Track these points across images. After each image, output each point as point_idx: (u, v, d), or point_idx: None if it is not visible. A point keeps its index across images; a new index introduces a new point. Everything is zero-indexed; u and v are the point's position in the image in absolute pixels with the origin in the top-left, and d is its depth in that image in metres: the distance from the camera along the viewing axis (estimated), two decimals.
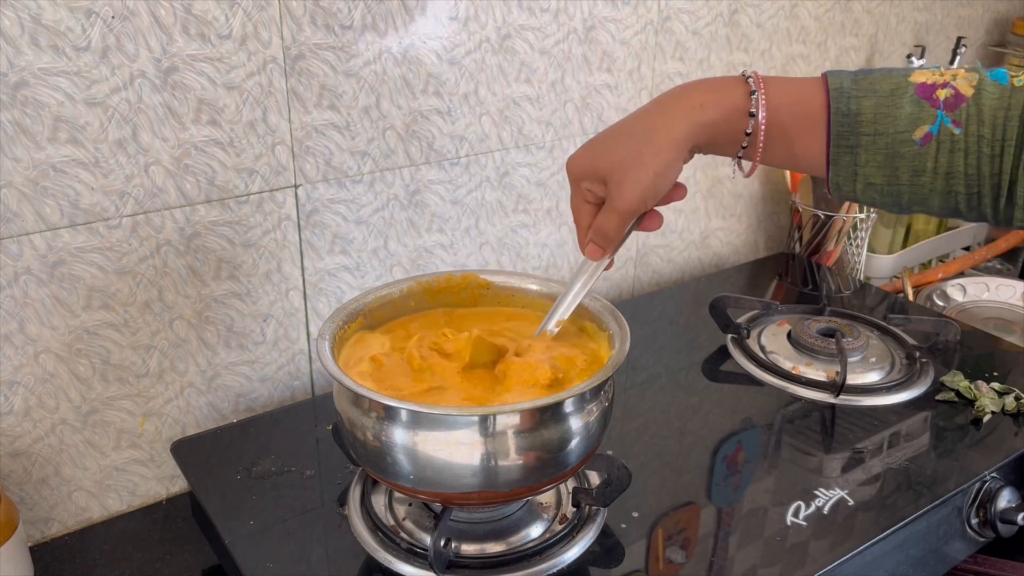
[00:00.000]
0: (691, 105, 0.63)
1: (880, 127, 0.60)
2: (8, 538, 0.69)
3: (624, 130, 0.65)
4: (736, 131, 0.64)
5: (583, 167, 0.67)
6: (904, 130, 0.60)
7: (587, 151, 0.67)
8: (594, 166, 0.66)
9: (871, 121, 0.60)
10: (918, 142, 0.60)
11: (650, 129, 0.64)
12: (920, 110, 0.60)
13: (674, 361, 1.02)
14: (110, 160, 0.75)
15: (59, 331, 0.77)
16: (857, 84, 0.61)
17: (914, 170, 0.61)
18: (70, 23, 0.70)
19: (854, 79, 0.61)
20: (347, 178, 0.90)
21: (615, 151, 0.64)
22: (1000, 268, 1.48)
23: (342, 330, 0.72)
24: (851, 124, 0.61)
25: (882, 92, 0.60)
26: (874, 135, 0.60)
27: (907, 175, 0.61)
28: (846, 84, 0.61)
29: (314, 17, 0.82)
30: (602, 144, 0.66)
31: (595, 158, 0.66)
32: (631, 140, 0.64)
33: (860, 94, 0.61)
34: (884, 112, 0.60)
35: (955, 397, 0.94)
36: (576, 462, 0.66)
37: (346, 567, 0.70)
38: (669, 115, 0.64)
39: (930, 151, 0.60)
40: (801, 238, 1.29)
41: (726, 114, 0.63)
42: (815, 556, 0.71)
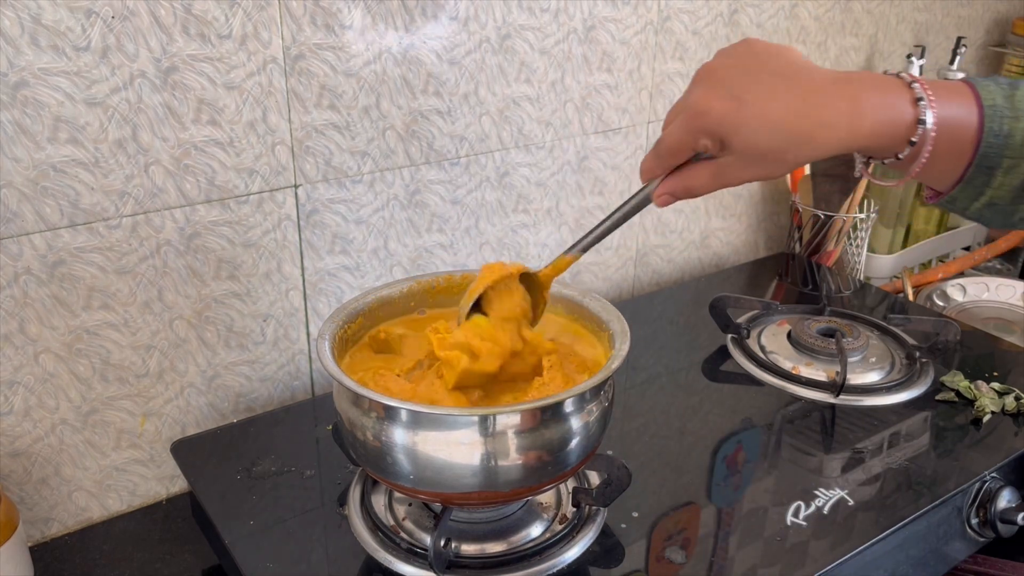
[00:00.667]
0: (861, 115, 0.56)
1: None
2: (8, 538, 0.69)
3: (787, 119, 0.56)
4: (900, 142, 0.57)
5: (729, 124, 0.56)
6: None
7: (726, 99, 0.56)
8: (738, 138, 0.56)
9: (1019, 145, 0.57)
10: None
11: (812, 135, 0.56)
12: None
13: (674, 361, 1.02)
14: (110, 160, 0.75)
15: (59, 331, 0.77)
16: (1009, 102, 0.57)
17: None
18: (70, 23, 0.70)
19: (1005, 96, 0.58)
20: (347, 178, 0.90)
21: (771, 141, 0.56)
22: (1000, 268, 1.48)
23: (342, 330, 0.72)
24: (999, 146, 0.57)
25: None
26: (1018, 159, 0.57)
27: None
28: (999, 101, 0.57)
29: (314, 17, 0.82)
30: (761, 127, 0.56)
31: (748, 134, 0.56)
32: (790, 135, 0.56)
33: (1012, 115, 0.57)
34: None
35: (955, 397, 0.94)
36: (576, 462, 0.66)
37: (346, 567, 0.70)
38: (835, 125, 0.56)
39: None
40: (801, 238, 1.29)
41: (895, 127, 0.57)
42: (815, 556, 0.71)
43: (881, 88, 0.57)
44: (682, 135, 0.58)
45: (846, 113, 0.56)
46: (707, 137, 0.57)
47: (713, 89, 0.57)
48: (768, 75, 0.56)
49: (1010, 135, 0.57)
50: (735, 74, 0.57)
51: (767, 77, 0.56)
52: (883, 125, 0.57)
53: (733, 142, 0.56)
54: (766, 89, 0.56)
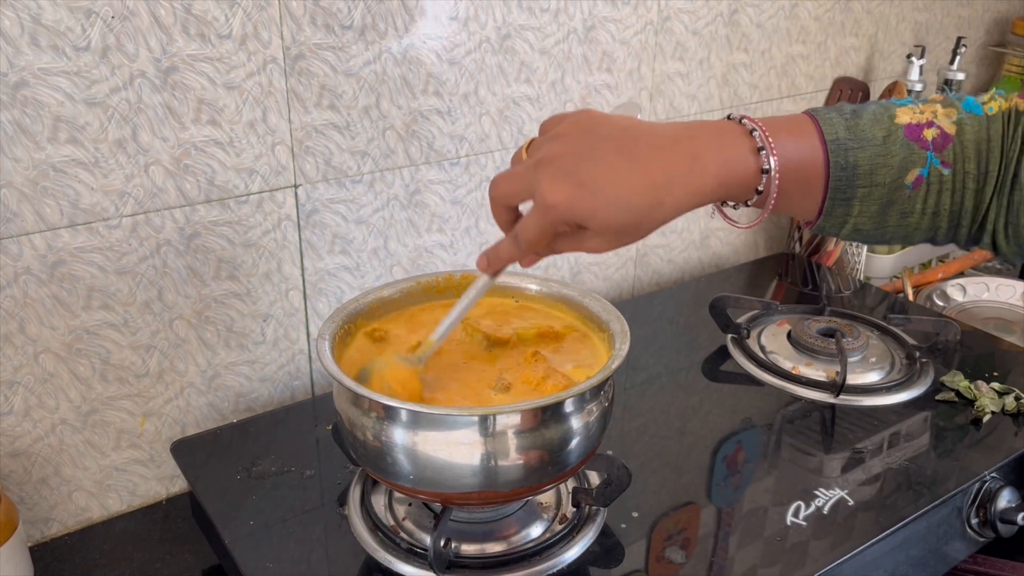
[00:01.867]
0: (704, 172, 0.57)
1: (876, 178, 0.59)
2: (8, 538, 0.69)
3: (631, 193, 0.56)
4: (747, 191, 0.59)
5: (579, 211, 0.56)
6: (897, 177, 0.59)
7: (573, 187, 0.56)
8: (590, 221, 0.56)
9: (867, 173, 0.59)
10: (909, 186, 0.59)
11: (660, 201, 0.56)
12: (911, 153, 0.59)
13: (674, 361, 1.02)
14: (110, 160, 0.75)
15: (59, 331, 0.77)
16: (851, 132, 0.59)
17: (903, 213, 0.60)
18: (70, 23, 0.70)
19: (847, 127, 0.59)
20: (347, 178, 0.90)
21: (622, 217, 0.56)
22: (1000, 268, 1.48)
23: (343, 329, 0.72)
24: (848, 178, 0.59)
25: (875, 140, 0.59)
26: (870, 186, 0.59)
27: (895, 218, 0.60)
28: (841, 134, 0.59)
29: (314, 17, 0.82)
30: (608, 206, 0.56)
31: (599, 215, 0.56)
32: (638, 207, 0.56)
33: (856, 145, 0.59)
34: (880, 162, 0.58)
35: (955, 397, 0.94)
36: (576, 462, 0.66)
37: (346, 567, 0.70)
38: (680, 186, 0.56)
39: (920, 194, 0.59)
40: (801, 238, 1.29)
41: (739, 178, 0.58)
42: (815, 556, 0.71)
43: (721, 141, 0.58)
44: (540, 228, 0.58)
45: (688, 173, 0.56)
46: (563, 225, 0.57)
47: (558, 180, 0.56)
48: (607, 151, 0.56)
49: (856, 165, 0.59)
50: (575, 160, 0.56)
51: (607, 154, 0.56)
52: (727, 177, 0.57)
53: (589, 225, 0.57)
54: (608, 169, 0.56)
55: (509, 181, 0.60)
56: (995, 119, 0.59)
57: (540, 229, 0.58)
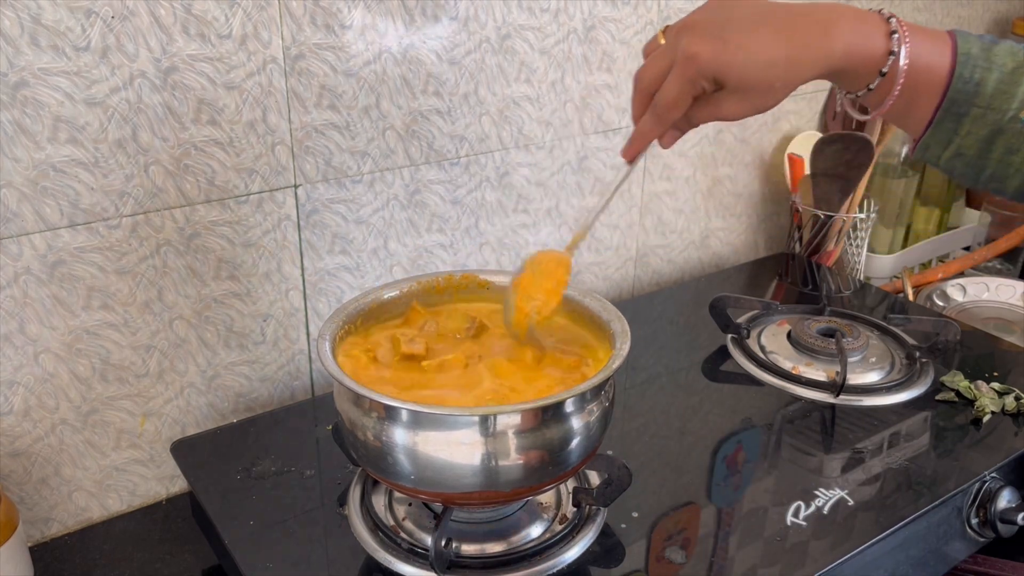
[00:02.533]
0: (835, 36, 0.59)
1: (995, 102, 0.60)
2: (8, 538, 0.69)
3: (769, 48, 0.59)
4: (871, 73, 0.61)
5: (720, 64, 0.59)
6: (1015, 108, 0.59)
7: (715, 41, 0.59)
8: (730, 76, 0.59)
9: (988, 95, 0.60)
10: (1023, 121, 0.59)
11: (794, 58, 0.59)
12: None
13: (674, 361, 1.02)
14: (110, 160, 0.75)
15: (59, 331, 0.77)
16: (984, 53, 0.60)
17: (1008, 148, 0.61)
18: (70, 23, 0.70)
19: (982, 47, 0.60)
20: (347, 178, 0.90)
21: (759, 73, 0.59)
22: (1000, 268, 1.48)
23: (342, 330, 0.72)
24: (970, 92, 0.60)
25: (1006, 68, 0.59)
26: (987, 108, 0.60)
27: (1000, 152, 0.61)
28: (974, 51, 0.60)
29: (314, 17, 0.82)
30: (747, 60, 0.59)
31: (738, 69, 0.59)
32: (775, 63, 0.59)
33: (985, 65, 0.60)
34: (1003, 89, 0.59)
35: (955, 397, 0.94)
36: (576, 462, 0.66)
37: (346, 567, 0.70)
38: (812, 45, 0.59)
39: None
40: (801, 238, 1.29)
41: (867, 53, 0.60)
42: (815, 556, 0.71)
43: (857, 17, 0.60)
44: (681, 84, 0.60)
45: (820, 36, 0.59)
46: (704, 79, 0.60)
47: (697, 37, 0.59)
48: (744, 14, 0.60)
49: (980, 83, 0.60)
50: (714, 22, 0.60)
51: (743, 16, 0.60)
52: (855, 48, 0.59)
53: (727, 79, 0.59)
54: (745, 26, 0.59)
55: (653, 63, 0.62)
56: None
57: (680, 87, 0.60)
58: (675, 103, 0.61)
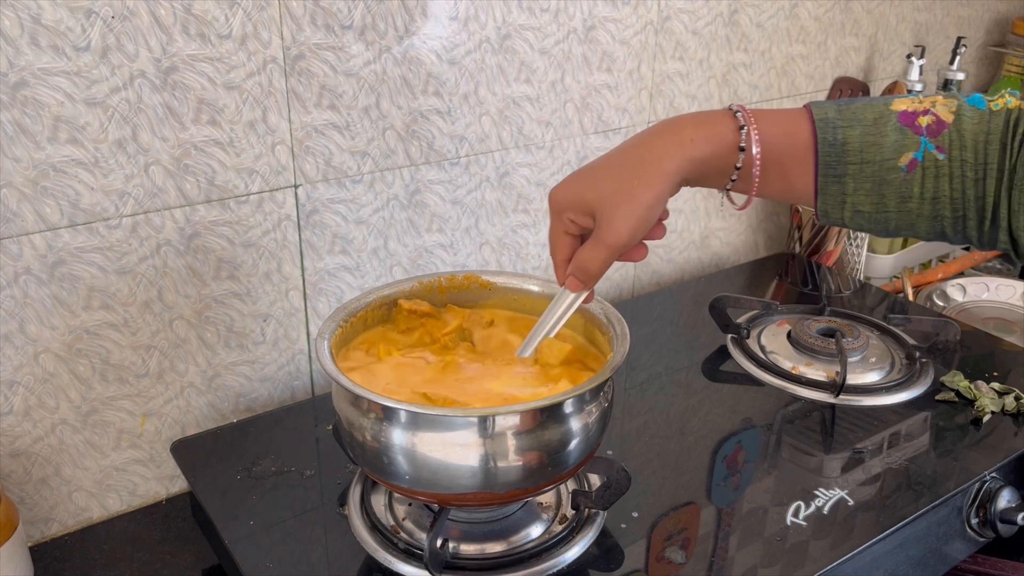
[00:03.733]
0: (681, 140, 0.63)
1: (866, 155, 0.61)
2: (8, 538, 0.69)
3: (613, 163, 0.64)
4: (727, 165, 0.63)
5: (569, 198, 0.65)
6: (890, 157, 0.60)
7: (574, 182, 0.66)
8: (582, 198, 0.64)
9: (857, 150, 0.61)
10: (903, 168, 0.60)
11: (640, 163, 0.63)
12: (904, 137, 0.60)
13: (674, 361, 1.02)
14: (110, 160, 0.75)
15: (59, 331, 0.77)
16: (841, 114, 0.61)
17: (901, 196, 0.61)
18: (70, 23, 0.70)
19: (838, 109, 0.62)
20: (347, 178, 0.90)
21: (604, 183, 0.63)
22: (1000, 268, 1.48)
23: (341, 329, 0.72)
24: (838, 154, 0.61)
25: (866, 121, 0.61)
26: (860, 163, 0.61)
27: (894, 201, 0.62)
28: (831, 115, 0.61)
29: (314, 17, 0.82)
30: (590, 176, 0.65)
31: (583, 190, 0.64)
32: (621, 173, 0.63)
33: (845, 124, 0.61)
34: (870, 140, 0.61)
35: (955, 397, 0.94)
36: (575, 463, 0.66)
37: (346, 567, 0.70)
38: (659, 149, 0.63)
39: (916, 177, 0.61)
40: (801, 238, 1.29)
41: (716, 149, 0.63)
42: (815, 556, 0.71)
43: (704, 122, 0.63)
44: (552, 230, 0.68)
45: (672, 144, 0.63)
46: (567, 213, 0.66)
47: (556, 190, 0.66)
48: (596, 162, 0.66)
49: (845, 142, 0.61)
50: (571, 176, 0.67)
51: (596, 163, 0.66)
52: (708, 146, 0.63)
53: (589, 199, 0.64)
54: (598, 162, 0.66)
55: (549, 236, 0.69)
56: (998, 114, 0.60)
57: (553, 230, 0.67)
58: (555, 245, 0.67)
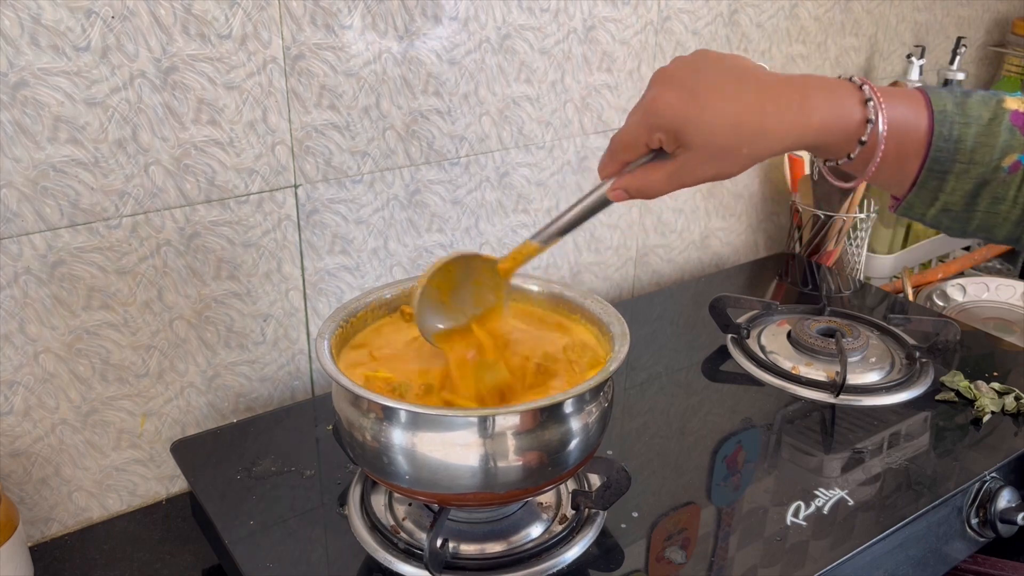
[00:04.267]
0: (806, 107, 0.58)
1: (976, 156, 0.59)
2: (8, 538, 0.69)
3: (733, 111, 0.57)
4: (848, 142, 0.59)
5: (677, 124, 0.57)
6: (998, 158, 0.59)
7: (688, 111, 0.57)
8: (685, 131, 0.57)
9: (969, 150, 0.59)
10: (1006, 170, 0.59)
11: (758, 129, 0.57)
12: (1013, 137, 0.59)
13: (674, 361, 1.02)
14: (110, 160, 0.75)
15: (59, 331, 0.77)
16: (959, 108, 0.59)
17: (995, 198, 0.60)
18: (70, 23, 0.70)
19: (955, 102, 0.60)
20: (347, 178, 0.90)
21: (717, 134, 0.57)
22: (1000, 268, 1.48)
23: (340, 330, 0.72)
24: (950, 151, 0.59)
25: (982, 120, 0.59)
26: (969, 163, 0.59)
27: (986, 202, 0.60)
28: (949, 107, 0.59)
29: (314, 17, 0.82)
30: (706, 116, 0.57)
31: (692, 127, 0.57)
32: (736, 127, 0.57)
33: (962, 120, 0.59)
34: (983, 142, 0.59)
35: (955, 397, 0.94)
36: (575, 463, 0.66)
37: (346, 567, 0.70)
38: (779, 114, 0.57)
39: (1015, 180, 0.59)
40: (801, 238, 1.29)
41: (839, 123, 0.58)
42: (815, 556, 0.71)
43: (831, 88, 0.59)
44: (636, 130, 0.59)
45: (796, 108, 0.57)
46: (661, 131, 0.58)
47: (668, 87, 0.58)
48: (720, 76, 0.58)
49: (960, 140, 0.59)
50: (688, 74, 0.58)
51: (720, 77, 0.58)
52: (832, 120, 0.58)
53: (688, 137, 0.57)
54: (719, 87, 0.57)
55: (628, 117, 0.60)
56: None
57: (636, 131, 0.59)
58: (627, 144, 0.60)
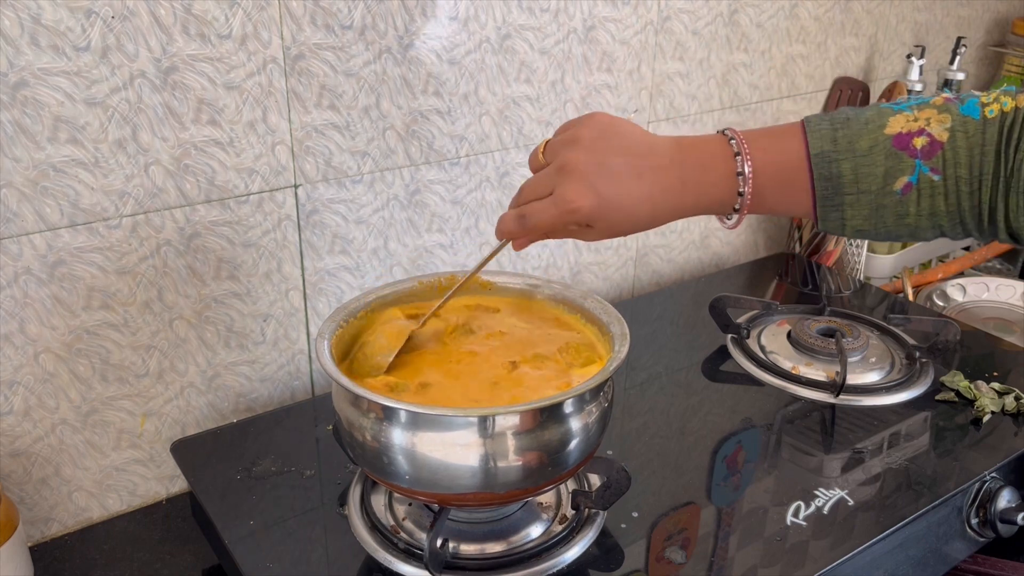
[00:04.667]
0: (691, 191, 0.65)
1: (862, 185, 0.61)
2: (8, 538, 0.69)
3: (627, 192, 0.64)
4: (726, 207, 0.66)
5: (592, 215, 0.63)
6: (884, 184, 0.61)
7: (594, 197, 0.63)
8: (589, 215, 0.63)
9: (852, 181, 0.61)
10: (899, 192, 0.61)
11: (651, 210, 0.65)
12: (899, 162, 0.61)
13: (674, 361, 1.02)
14: (110, 160, 0.75)
15: (59, 331, 0.77)
16: (836, 144, 0.62)
17: (898, 215, 0.62)
18: (70, 23, 0.70)
19: (833, 138, 0.62)
20: (347, 178, 0.90)
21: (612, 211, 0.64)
22: (1000, 268, 1.48)
23: (341, 329, 0.72)
24: (834, 187, 0.62)
25: (860, 151, 0.61)
26: (857, 194, 0.62)
27: (892, 220, 0.63)
28: (826, 146, 0.62)
29: (314, 17, 0.82)
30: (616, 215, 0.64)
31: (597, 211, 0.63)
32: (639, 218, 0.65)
33: (840, 156, 0.61)
34: (864, 172, 0.61)
35: (955, 397, 0.94)
36: (575, 463, 0.66)
37: (346, 567, 0.70)
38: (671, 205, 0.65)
39: (911, 198, 0.61)
40: (801, 238, 1.29)
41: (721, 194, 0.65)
42: (815, 556, 0.71)
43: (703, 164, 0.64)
44: (555, 222, 0.64)
45: (676, 193, 0.65)
46: (576, 225, 0.65)
47: (581, 188, 0.63)
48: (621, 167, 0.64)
49: (840, 175, 0.62)
50: (595, 170, 0.63)
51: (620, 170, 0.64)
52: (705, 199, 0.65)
53: (596, 226, 0.65)
54: (621, 184, 0.63)
55: (536, 186, 0.66)
56: (992, 123, 0.60)
57: (555, 223, 0.64)
58: (545, 231, 0.66)
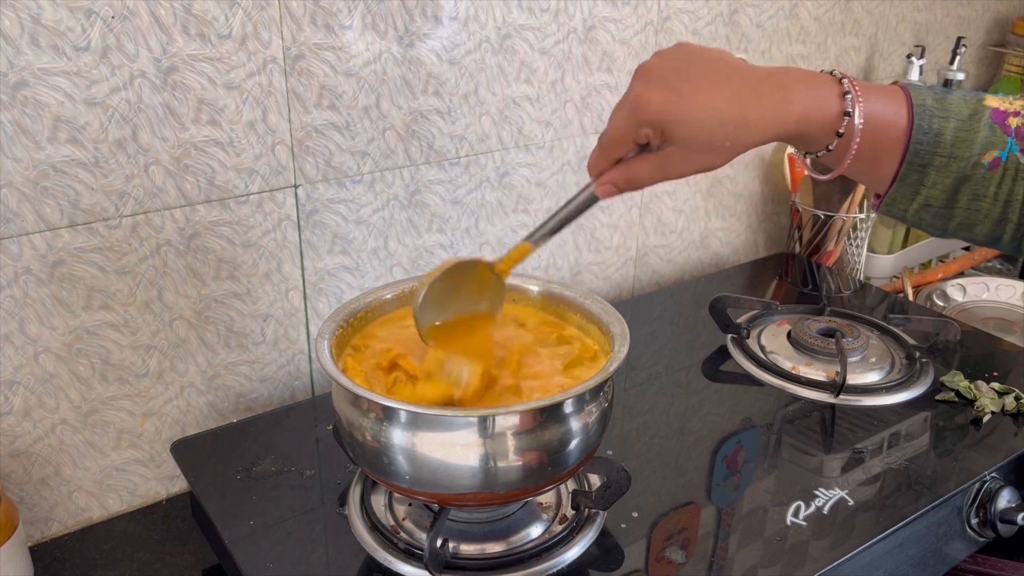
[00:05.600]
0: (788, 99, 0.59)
1: (956, 150, 0.60)
2: (8, 538, 0.69)
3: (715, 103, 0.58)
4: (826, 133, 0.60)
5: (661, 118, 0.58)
6: (976, 154, 0.60)
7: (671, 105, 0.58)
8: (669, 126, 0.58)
9: (949, 143, 0.60)
10: (986, 166, 0.60)
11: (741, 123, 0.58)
12: (992, 134, 0.60)
13: (674, 361, 1.02)
14: (110, 160, 0.75)
15: (59, 331, 0.77)
16: (939, 104, 0.60)
17: (975, 194, 0.61)
18: (70, 23, 0.70)
19: (936, 98, 0.61)
20: (347, 178, 0.90)
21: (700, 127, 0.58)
22: (1000, 268, 1.48)
23: (341, 330, 0.72)
24: (930, 143, 0.60)
25: (961, 115, 0.60)
26: (949, 157, 0.60)
27: (967, 199, 0.61)
28: (929, 102, 0.60)
29: (314, 17, 0.82)
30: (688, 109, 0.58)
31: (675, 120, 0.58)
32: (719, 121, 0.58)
33: (942, 114, 0.60)
34: (963, 136, 0.60)
35: (955, 397, 0.94)
36: (575, 463, 0.66)
37: (346, 567, 0.70)
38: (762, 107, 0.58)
39: (995, 176, 0.60)
40: (801, 238, 1.29)
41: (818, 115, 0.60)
42: (815, 556, 0.71)
43: (810, 81, 0.60)
44: (623, 126, 0.59)
45: (776, 101, 0.59)
46: (648, 127, 0.58)
47: (652, 83, 0.58)
48: (703, 70, 0.59)
49: (940, 133, 0.60)
50: (671, 70, 0.59)
51: (702, 72, 0.59)
52: (811, 112, 0.59)
53: (674, 132, 0.58)
54: (702, 82, 0.58)
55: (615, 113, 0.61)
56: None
57: (624, 127, 0.59)
58: (616, 141, 0.60)
